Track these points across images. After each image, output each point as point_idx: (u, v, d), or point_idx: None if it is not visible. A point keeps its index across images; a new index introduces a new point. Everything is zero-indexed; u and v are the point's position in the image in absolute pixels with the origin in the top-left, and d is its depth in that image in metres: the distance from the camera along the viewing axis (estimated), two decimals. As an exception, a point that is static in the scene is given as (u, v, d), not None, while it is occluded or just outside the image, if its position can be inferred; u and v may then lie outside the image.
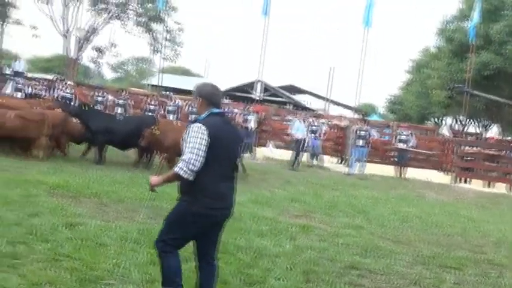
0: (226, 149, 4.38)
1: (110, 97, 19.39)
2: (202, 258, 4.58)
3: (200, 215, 4.33)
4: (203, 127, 4.26)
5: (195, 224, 4.36)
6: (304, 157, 19.63)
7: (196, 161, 4.19)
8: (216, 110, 4.48)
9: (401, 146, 18.77)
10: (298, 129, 17.56)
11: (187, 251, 4.82)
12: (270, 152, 18.93)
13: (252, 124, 19.36)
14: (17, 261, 5.39)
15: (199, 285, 4.58)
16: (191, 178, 4.23)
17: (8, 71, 31.77)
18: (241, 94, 40.28)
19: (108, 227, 7.00)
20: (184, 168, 4.20)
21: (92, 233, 6.57)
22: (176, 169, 4.24)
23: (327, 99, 39.45)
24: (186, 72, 64.67)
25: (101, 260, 5.62)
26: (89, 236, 6.43)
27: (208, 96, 4.52)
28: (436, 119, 44.38)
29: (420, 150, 20.65)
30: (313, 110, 35.54)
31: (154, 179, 4.52)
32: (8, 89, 19.23)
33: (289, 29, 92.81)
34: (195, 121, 4.48)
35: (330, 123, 21.31)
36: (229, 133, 4.52)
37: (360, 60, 29.88)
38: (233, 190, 4.58)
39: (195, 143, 4.21)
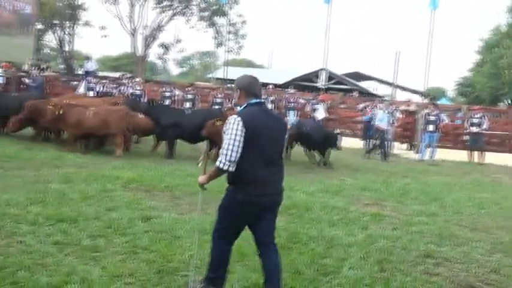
0: (266, 137, 4.48)
1: (177, 92, 19.74)
2: (260, 244, 4.74)
3: (245, 203, 4.49)
4: (238, 118, 4.41)
5: (242, 212, 4.54)
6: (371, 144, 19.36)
7: (233, 151, 4.34)
8: (254, 100, 4.61)
9: (474, 129, 18.13)
10: (382, 119, 17.10)
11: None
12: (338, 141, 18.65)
13: (321, 114, 19.24)
14: (97, 254, 5.62)
15: (264, 269, 4.71)
16: (231, 169, 4.38)
17: (80, 71, 33.01)
18: (305, 83, 40.10)
19: (182, 219, 7.16)
20: (223, 161, 4.36)
21: (167, 225, 6.74)
22: (217, 163, 4.40)
23: (393, 85, 38.57)
24: (249, 64, 65.01)
25: (177, 252, 5.78)
26: (165, 228, 6.60)
27: (246, 87, 4.66)
28: (510, 101, 42.59)
29: (495, 132, 19.91)
30: (379, 97, 34.83)
31: (201, 178, 4.72)
32: (81, 88, 19.91)
33: (352, 15, 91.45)
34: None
35: (398, 109, 20.78)
36: (269, 122, 4.59)
37: (427, 43, 28.97)
38: (280, 176, 4.69)
39: (230, 134, 4.36)
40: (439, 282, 5.71)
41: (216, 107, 18.79)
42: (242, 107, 4.64)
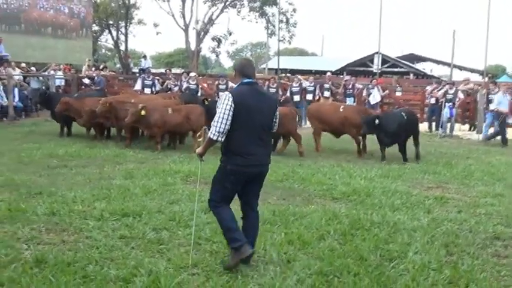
0: (254, 113, 4.98)
1: (232, 84, 19.85)
2: (244, 207, 5.30)
3: (234, 172, 5.03)
4: (229, 95, 4.95)
5: (232, 180, 5.07)
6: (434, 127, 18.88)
7: (221, 123, 4.88)
8: (246, 80, 5.11)
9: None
10: (500, 102, 16.20)
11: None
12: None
13: (375, 97, 18.93)
14: (162, 247, 5.73)
15: (243, 229, 5.22)
16: (220, 139, 4.95)
17: (135, 69, 33.70)
18: (359, 68, 39.56)
19: (242, 209, 7.18)
20: (213, 132, 4.92)
21: (228, 216, 6.76)
22: (209, 134, 5.00)
23: (451, 65, 37.46)
24: (301, 53, 64.72)
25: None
26: (226, 219, 6.62)
27: (240, 68, 5.19)
28: None
29: None
30: (436, 78, 33.94)
31: (199, 150, 5.24)
32: (138, 85, 20.30)
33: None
34: None
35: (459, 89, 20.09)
36: (258, 99, 5.08)
37: (486, 19, 27.87)
38: (266, 150, 5.21)
39: (221, 109, 4.91)
40: (510, 264, 5.54)
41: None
42: (236, 85, 5.16)
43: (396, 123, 11.94)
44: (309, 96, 19.82)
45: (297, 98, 19.65)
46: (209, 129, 4.98)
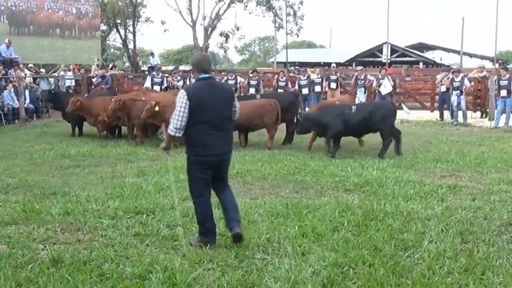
0: (211, 107, 5.31)
1: (240, 79, 19.86)
2: (216, 190, 5.76)
3: (196, 162, 5.43)
4: (183, 92, 5.33)
5: (197, 169, 5.46)
6: (446, 115, 18.74)
7: (178, 120, 5.26)
8: (202, 75, 5.46)
9: None
10: None
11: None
12: (406, 114, 18.23)
13: (386, 88, 18.78)
14: (177, 243, 5.74)
15: (222, 203, 5.80)
16: (178, 134, 5.32)
17: (144, 67, 33.78)
18: (368, 59, 39.37)
19: (255, 204, 7.20)
20: (171, 127, 5.32)
21: (242, 210, 6.74)
22: (167, 130, 5.42)
23: (460, 52, 37.13)
24: (310, 45, 64.53)
25: (254, 236, 5.82)
26: (240, 214, 6.63)
27: (196, 63, 5.55)
28: None
29: None
30: (446, 66, 33.74)
31: (163, 145, 5.77)
32: (147, 83, 20.34)
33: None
34: None
35: (468, 76, 19.92)
36: (214, 93, 5.40)
37: (495, 5, 27.47)
38: (226, 139, 5.56)
39: (177, 106, 5.28)
40: (526, 250, 5.50)
41: (280, 90, 18.78)
42: (194, 81, 5.56)
43: (332, 116, 11.26)
44: (317, 88, 19.76)
45: (305, 91, 19.59)
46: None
